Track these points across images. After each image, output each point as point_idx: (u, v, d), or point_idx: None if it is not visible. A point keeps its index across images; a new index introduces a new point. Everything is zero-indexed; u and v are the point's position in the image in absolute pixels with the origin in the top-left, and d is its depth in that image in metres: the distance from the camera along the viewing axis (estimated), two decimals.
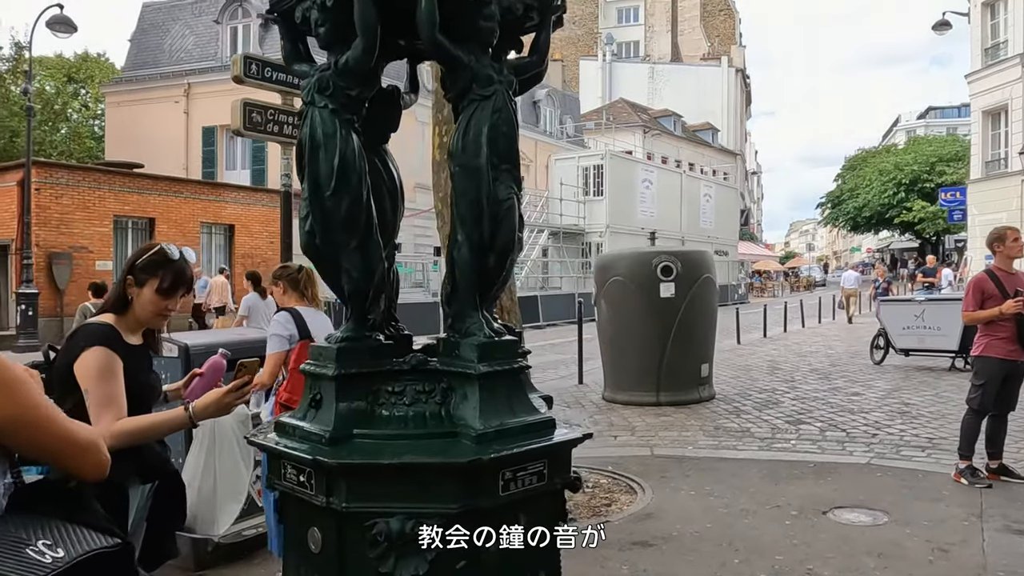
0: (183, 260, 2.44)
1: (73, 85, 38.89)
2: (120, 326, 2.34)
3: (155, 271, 2.36)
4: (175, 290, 2.40)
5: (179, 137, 26.45)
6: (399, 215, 2.38)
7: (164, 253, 2.40)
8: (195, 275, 15.09)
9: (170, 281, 2.37)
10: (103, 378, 2.18)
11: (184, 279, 2.43)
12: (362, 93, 2.03)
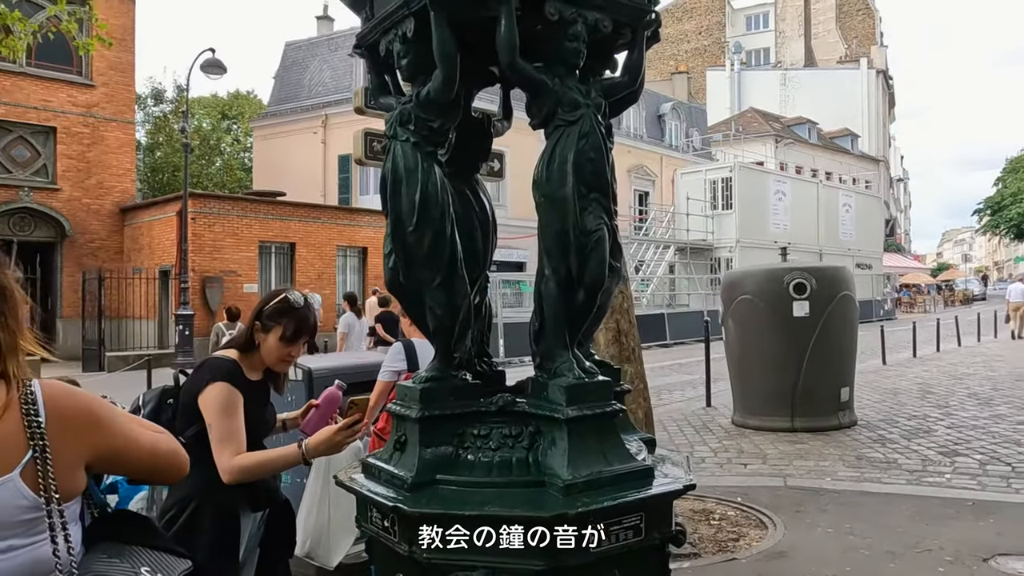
0: (307, 308, 2.49)
1: (226, 121, 42.21)
2: (244, 363, 2.42)
3: (279, 319, 2.42)
4: (298, 338, 2.45)
5: (317, 166, 28.01)
6: (491, 245, 2.30)
7: (288, 302, 2.44)
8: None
9: (293, 329, 2.42)
10: (225, 414, 2.26)
11: (307, 327, 2.46)
12: (444, 124, 1.96)
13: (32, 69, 20.87)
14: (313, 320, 2.51)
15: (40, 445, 1.27)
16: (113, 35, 18.44)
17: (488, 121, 2.34)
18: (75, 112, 21.89)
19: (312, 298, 17.21)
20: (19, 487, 1.25)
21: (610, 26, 1.92)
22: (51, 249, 21.51)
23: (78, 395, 1.40)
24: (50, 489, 1.27)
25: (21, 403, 1.28)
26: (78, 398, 1.38)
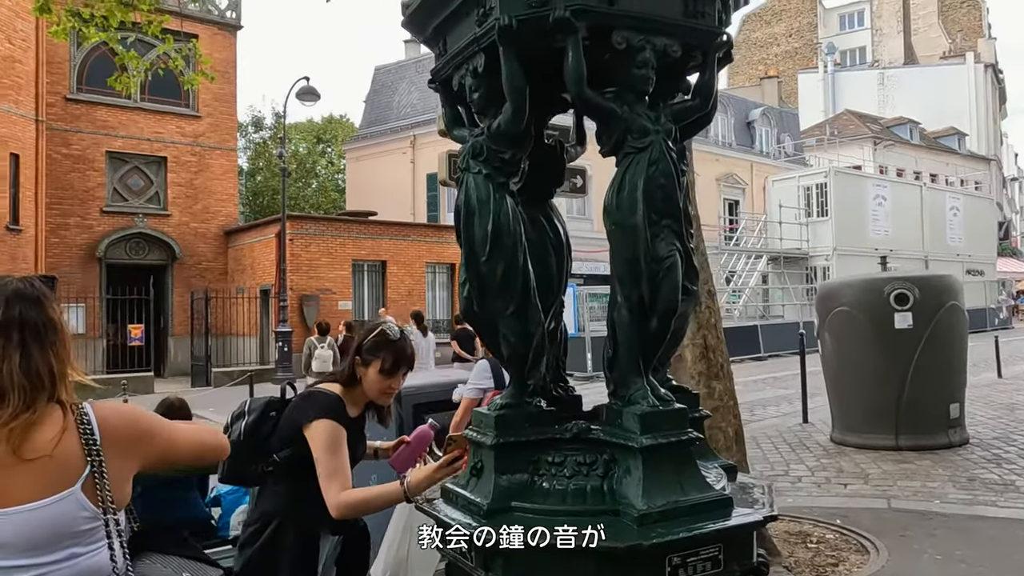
0: (404, 340, 2.57)
1: (321, 145, 43.94)
2: (346, 398, 2.51)
3: (378, 352, 2.50)
4: (397, 369, 2.53)
5: (407, 185, 28.74)
6: (566, 270, 2.31)
7: (386, 335, 2.53)
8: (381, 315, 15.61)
9: (391, 362, 2.50)
10: (332, 450, 2.35)
11: (404, 358, 2.54)
12: (516, 155, 1.99)
13: (145, 104, 22.36)
14: (411, 351, 2.58)
15: (97, 461, 1.42)
16: (216, 69, 19.56)
17: (561, 147, 2.36)
18: (183, 142, 23.29)
19: (389, 322, 17.81)
20: (80, 499, 1.40)
21: (679, 51, 1.91)
22: (163, 271, 22.90)
23: (126, 413, 1.56)
24: (106, 500, 1.42)
25: (77, 424, 1.44)
26: (126, 416, 1.54)
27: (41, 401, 1.41)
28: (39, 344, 1.45)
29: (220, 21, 24.08)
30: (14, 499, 1.35)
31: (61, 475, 1.39)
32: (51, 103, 20.45)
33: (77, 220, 21.42)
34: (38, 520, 1.36)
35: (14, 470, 1.35)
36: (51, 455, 1.38)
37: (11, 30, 18.32)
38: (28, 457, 1.36)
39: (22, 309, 1.45)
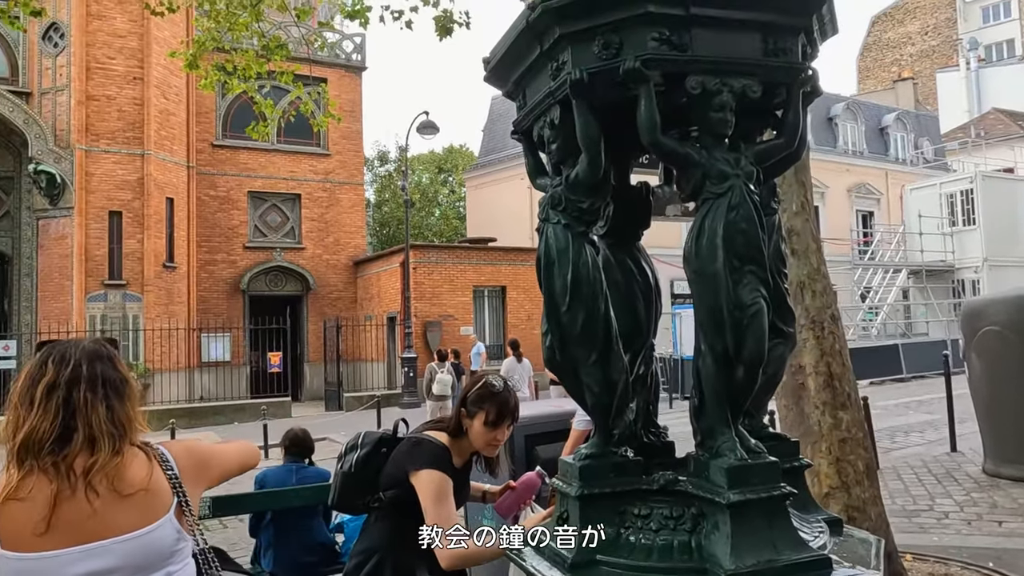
0: (507, 392, 2.61)
1: (442, 174, 45.40)
2: (453, 448, 2.59)
3: (482, 404, 2.56)
4: (500, 421, 2.57)
5: (525, 210, 29.10)
6: (655, 314, 2.27)
7: (488, 387, 2.59)
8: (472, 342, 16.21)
9: (495, 414, 2.55)
10: (439, 501, 2.42)
11: (508, 410, 2.58)
12: (594, 204, 1.99)
13: (281, 145, 23.96)
14: (514, 403, 2.60)
15: (181, 491, 1.68)
16: (343, 109, 20.71)
17: (647, 189, 2.33)
18: (315, 179, 24.75)
19: (477, 348, 18.37)
20: (173, 524, 1.65)
21: (759, 90, 1.85)
22: (298, 301, 24.32)
23: (189, 447, 1.82)
24: (193, 523, 1.70)
25: (160, 461, 1.69)
26: (190, 450, 1.80)
27: (125, 445, 1.63)
28: (119, 397, 1.66)
29: (346, 64, 25.51)
30: (119, 529, 1.57)
31: (156, 505, 1.63)
32: (200, 150, 22.33)
33: (223, 256, 23.18)
34: (142, 545, 1.59)
35: (116, 505, 1.57)
36: (147, 489, 1.62)
37: (166, 87, 20.20)
38: (126, 493, 1.58)
39: (102, 368, 1.66)
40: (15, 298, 19.40)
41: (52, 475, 1.53)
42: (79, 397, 1.59)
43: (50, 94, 18.88)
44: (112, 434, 1.60)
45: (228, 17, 9.85)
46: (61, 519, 1.51)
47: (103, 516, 1.55)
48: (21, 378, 1.64)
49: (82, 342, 1.71)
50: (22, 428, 1.56)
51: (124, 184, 18.94)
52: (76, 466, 1.55)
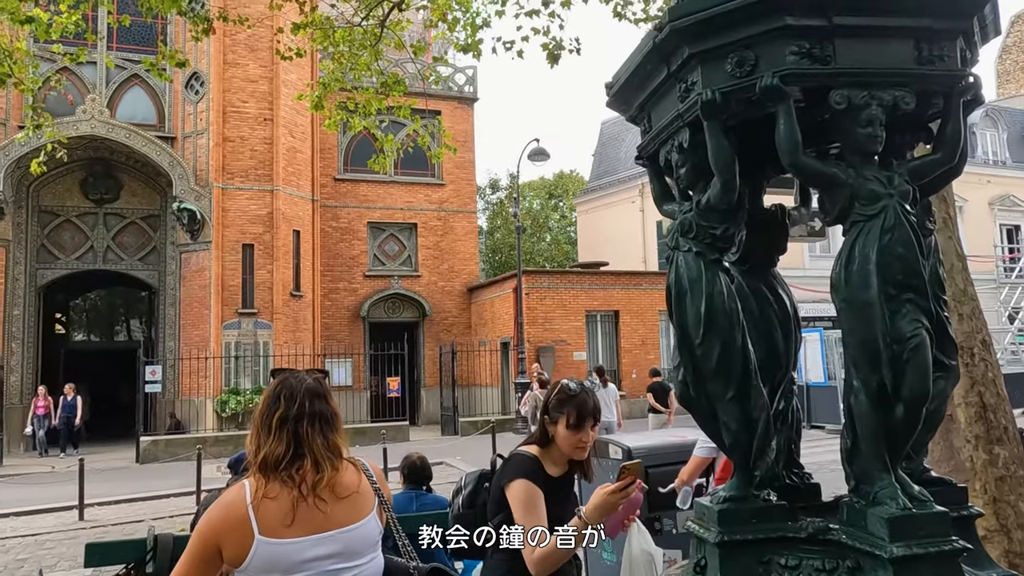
0: (584, 392, 2.57)
1: (553, 200, 45.63)
2: (544, 458, 2.56)
3: (562, 409, 2.53)
4: (582, 422, 2.52)
5: (637, 234, 28.78)
6: (794, 344, 2.12)
7: (566, 391, 2.55)
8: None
9: (575, 416, 2.51)
10: (527, 510, 2.42)
11: (587, 410, 2.53)
12: (728, 230, 1.88)
13: (398, 177, 24.83)
14: (593, 403, 2.56)
15: (380, 494, 2.14)
16: (457, 140, 21.25)
17: (783, 211, 2.19)
18: (430, 208, 25.46)
19: (588, 383, 18.17)
20: (376, 519, 2.09)
21: (913, 101, 1.69)
22: (415, 328, 24.94)
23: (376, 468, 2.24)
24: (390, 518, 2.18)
25: (364, 472, 2.14)
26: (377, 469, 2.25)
27: (340, 462, 2.08)
28: (332, 429, 2.10)
29: (459, 96, 26.20)
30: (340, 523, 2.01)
31: (365, 504, 2.08)
32: (323, 184, 23.47)
33: (345, 284, 24.15)
34: (358, 535, 2.04)
35: (336, 505, 2.01)
36: (358, 491, 2.07)
37: (293, 126, 21.42)
38: (343, 495, 2.03)
39: (320, 406, 2.10)
40: (160, 326, 20.94)
41: (291, 484, 1.98)
42: (304, 430, 2.04)
43: (191, 137, 20.43)
44: (329, 457, 2.04)
45: (350, 58, 10.35)
46: (299, 516, 1.95)
47: (328, 514, 1.99)
48: (261, 406, 2.11)
49: (305, 379, 2.14)
50: (262, 450, 2.03)
51: (255, 218, 20.15)
52: (308, 480, 1.99)
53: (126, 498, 11.81)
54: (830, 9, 1.64)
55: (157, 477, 13.89)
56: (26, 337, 19.39)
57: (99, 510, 11.12)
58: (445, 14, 10.82)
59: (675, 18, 1.71)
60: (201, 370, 18.96)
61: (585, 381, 2.64)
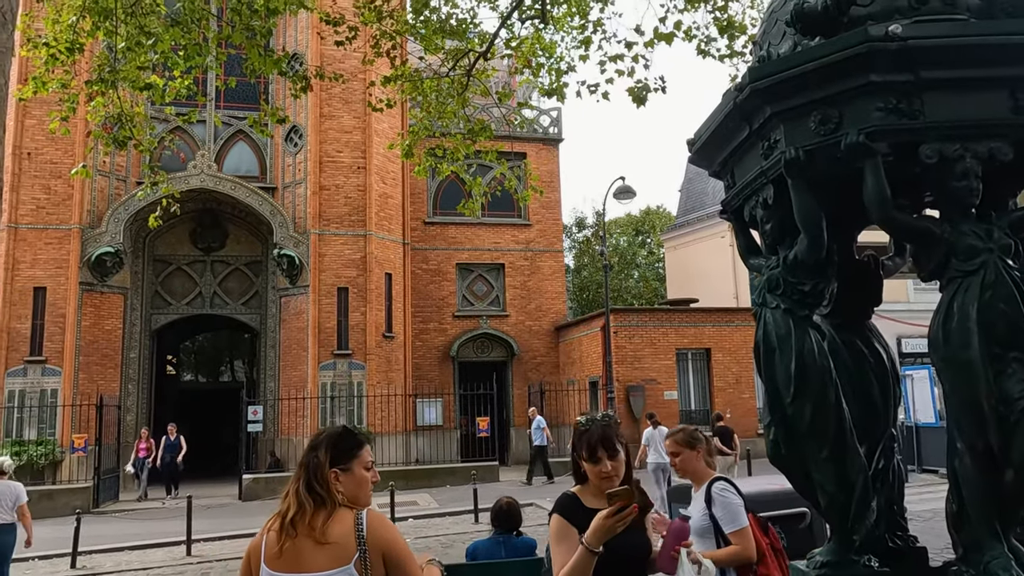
0: (593, 425, 2.59)
1: (640, 236, 45.29)
2: (584, 494, 2.60)
3: (578, 444, 2.61)
4: (595, 453, 2.54)
5: (727, 269, 28.14)
6: (893, 399, 2.04)
7: (577, 428, 2.63)
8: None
9: (587, 449, 2.55)
10: (556, 542, 2.51)
11: (595, 441, 2.54)
12: (817, 286, 1.84)
13: (485, 219, 25.29)
14: (600, 434, 2.54)
15: (363, 548, 2.20)
16: (542, 181, 21.52)
17: (876, 262, 2.13)
18: (517, 249, 25.74)
19: (538, 422, 18.25)
20: (352, 572, 2.15)
21: (1010, 152, 1.63)
22: (503, 367, 25.08)
23: (387, 524, 2.32)
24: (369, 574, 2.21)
25: (355, 524, 2.23)
26: (386, 525, 2.31)
27: (322, 509, 2.24)
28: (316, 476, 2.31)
29: (544, 138, 26.58)
30: (312, 567, 2.17)
31: (342, 555, 2.18)
32: (413, 227, 24.15)
33: (435, 325, 24.62)
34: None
35: (315, 551, 2.18)
36: (339, 542, 2.19)
37: (384, 173, 22.24)
38: (322, 542, 2.18)
39: (309, 455, 2.36)
40: (262, 367, 21.88)
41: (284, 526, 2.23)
42: (297, 474, 2.32)
43: (290, 187, 21.50)
44: (309, 500, 2.24)
45: (438, 107, 10.73)
46: (285, 551, 2.19)
47: (305, 556, 2.18)
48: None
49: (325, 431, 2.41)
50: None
51: (350, 262, 20.91)
52: (286, 517, 2.23)
53: (231, 534, 12.27)
54: (917, 64, 1.61)
55: (259, 514, 14.40)
56: (141, 378, 20.60)
57: (205, 545, 11.61)
58: (529, 60, 11.09)
59: (755, 79, 1.72)
60: (299, 410, 19.63)
61: (599, 414, 2.66)
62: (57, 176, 19.06)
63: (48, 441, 17.93)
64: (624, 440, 2.57)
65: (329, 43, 14.14)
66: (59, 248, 18.96)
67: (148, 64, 7.98)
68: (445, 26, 10.10)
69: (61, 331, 18.67)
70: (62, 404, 18.29)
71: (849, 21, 1.71)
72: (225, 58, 9.18)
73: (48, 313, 18.67)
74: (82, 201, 19.26)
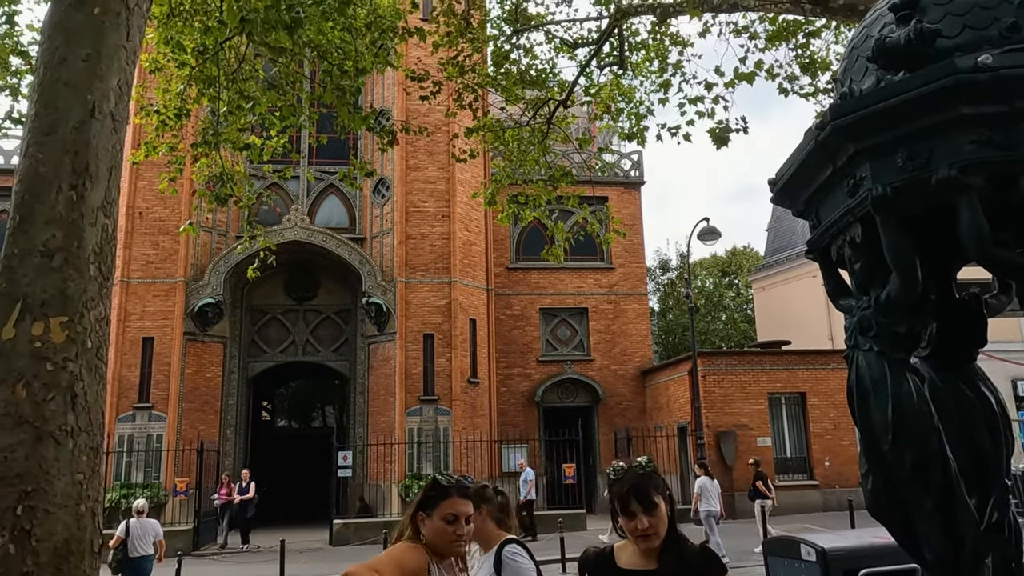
0: (622, 473, 2.52)
1: (727, 277, 44.31)
2: (623, 550, 2.46)
3: (611, 497, 2.49)
4: (627, 507, 2.33)
5: (820, 310, 27.10)
6: (1005, 447, 1.90)
7: (609, 478, 2.55)
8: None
9: (620, 502, 2.38)
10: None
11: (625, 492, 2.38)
12: (914, 327, 1.76)
13: (568, 263, 25.31)
14: (633, 482, 2.34)
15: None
16: (624, 223, 21.46)
17: (979, 300, 2.02)
18: (600, 293, 25.64)
19: (526, 474, 17.65)
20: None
21: None
22: (588, 412, 24.79)
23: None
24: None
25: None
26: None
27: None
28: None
29: (625, 181, 26.60)
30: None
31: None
32: (496, 273, 24.44)
33: (519, 370, 24.65)
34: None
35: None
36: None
37: (468, 221, 22.71)
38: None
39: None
40: (351, 413, 22.40)
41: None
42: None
43: (378, 237, 22.24)
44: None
45: (519, 155, 10.95)
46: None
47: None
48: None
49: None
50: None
51: (435, 309, 21.31)
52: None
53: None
54: (1011, 94, 1.55)
55: (349, 559, 14.58)
56: (238, 424, 21.43)
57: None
58: (608, 106, 11.20)
59: (837, 116, 1.69)
60: (387, 455, 19.91)
61: (641, 459, 2.55)
62: (165, 233, 20.35)
63: (154, 484, 18.80)
64: (668, 491, 2.35)
65: (414, 98, 14.69)
66: (165, 300, 20.14)
67: (247, 126, 8.50)
68: (525, 77, 10.34)
69: (166, 379, 19.70)
70: (166, 449, 19.19)
71: (935, 53, 1.66)
72: (317, 117, 9.66)
73: (155, 362, 19.76)
74: (186, 256, 20.47)
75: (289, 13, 6.25)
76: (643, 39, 10.67)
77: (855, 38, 1.95)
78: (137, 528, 9.33)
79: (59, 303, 2.68)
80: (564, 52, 10.77)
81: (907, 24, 1.68)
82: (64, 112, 2.93)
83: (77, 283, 2.75)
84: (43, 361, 2.59)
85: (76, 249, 2.78)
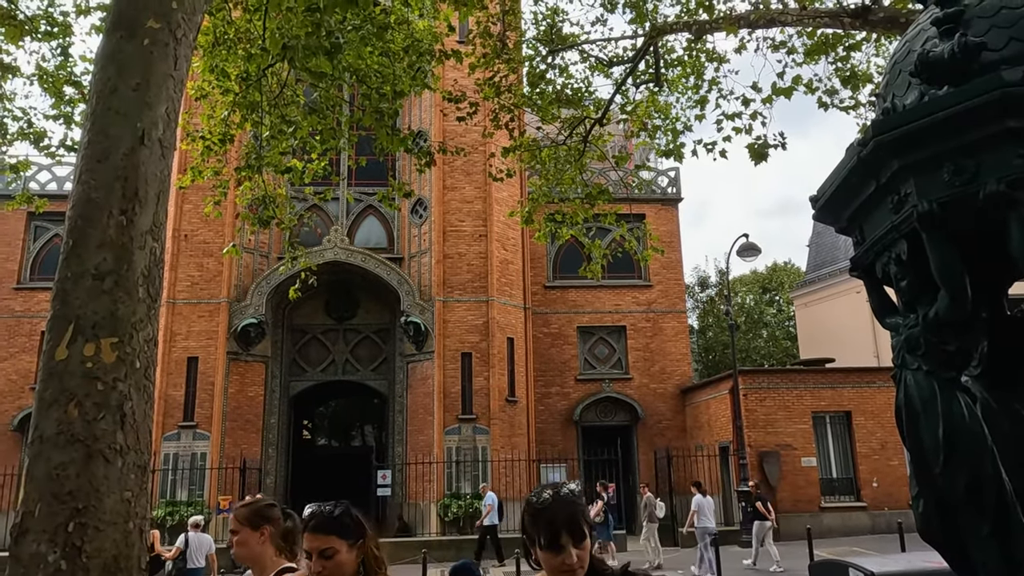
0: (548, 500, 2.05)
1: (768, 294, 43.66)
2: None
3: (533, 529, 2.19)
4: (556, 540, 1.98)
5: (865, 326, 26.51)
6: None
7: (530, 505, 2.09)
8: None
9: (547, 535, 2.00)
10: None
11: (557, 523, 1.97)
12: (964, 346, 1.71)
13: (605, 281, 25.23)
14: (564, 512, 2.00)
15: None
16: (662, 240, 21.34)
17: None
18: (638, 310, 25.44)
19: (488, 498, 17.36)
20: None
21: None
22: (627, 431, 24.54)
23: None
24: None
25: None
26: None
27: None
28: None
29: (663, 198, 26.46)
30: None
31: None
32: (534, 292, 24.43)
33: (557, 389, 24.54)
34: None
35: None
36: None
37: (505, 239, 22.79)
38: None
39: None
40: (390, 432, 22.52)
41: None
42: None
43: (416, 257, 22.44)
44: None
45: (556, 174, 10.97)
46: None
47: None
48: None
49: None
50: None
51: (473, 328, 21.38)
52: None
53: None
54: None
55: None
56: (279, 442, 21.68)
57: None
58: (645, 123, 11.19)
59: (880, 132, 1.66)
60: (426, 474, 19.93)
61: (571, 485, 2.13)
62: (209, 255, 20.82)
63: (198, 502, 19.09)
64: (591, 520, 2.04)
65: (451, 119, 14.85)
66: (209, 320, 20.55)
67: (289, 149, 8.69)
68: (560, 96, 10.40)
69: (210, 398, 20.06)
70: (210, 467, 19.49)
71: (980, 67, 1.63)
72: (356, 139, 9.84)
73: (199, 381, 20.15)
74: (230, 277, 20.89)
75: (329, 39, 6.39)
76: (679, 56, 10.65)
77: (897, 52, 1.93)
78: (195, 541, 10.16)
79: (109, 325, 2.76)
80: (599, 71, 10.80)
81: (951, 38, 1.65)
82: (115, 139, 3.03)
83: (127, 305, 2.82)
84: (94, 381, 2.67)
85: (126, 272, 2.87)
